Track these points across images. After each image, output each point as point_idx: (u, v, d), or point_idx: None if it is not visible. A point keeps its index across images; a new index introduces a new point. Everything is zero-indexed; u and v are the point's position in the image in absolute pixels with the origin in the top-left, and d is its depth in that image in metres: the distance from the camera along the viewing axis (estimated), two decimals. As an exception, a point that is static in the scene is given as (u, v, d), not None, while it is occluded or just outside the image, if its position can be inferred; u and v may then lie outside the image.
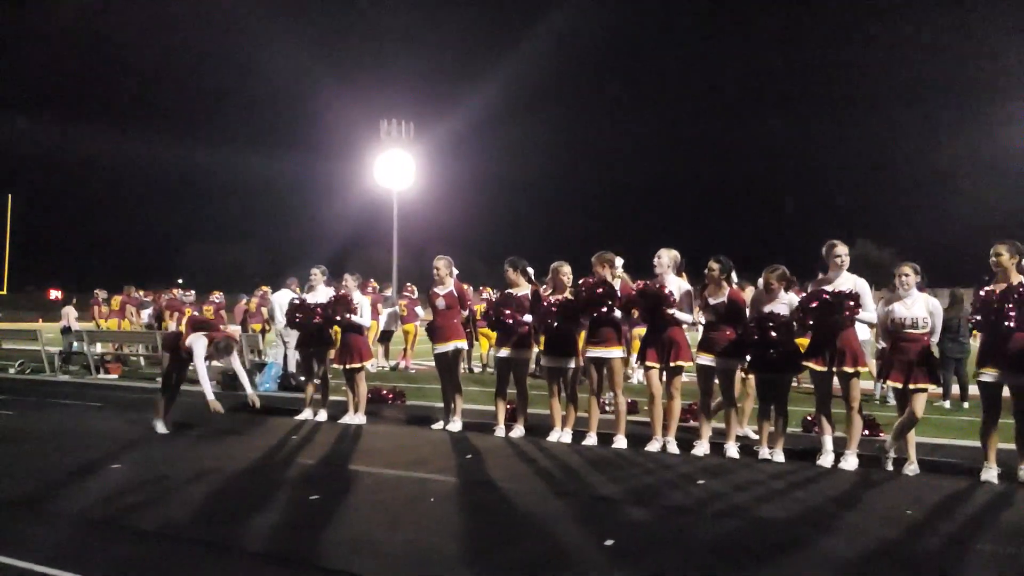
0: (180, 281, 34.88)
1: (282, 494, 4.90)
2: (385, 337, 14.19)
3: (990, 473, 5.29)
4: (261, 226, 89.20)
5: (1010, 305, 5.08)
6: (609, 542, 3.84)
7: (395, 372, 13.54)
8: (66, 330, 14.27)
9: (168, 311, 14.13)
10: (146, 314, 15.56)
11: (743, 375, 6.78)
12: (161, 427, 7.06)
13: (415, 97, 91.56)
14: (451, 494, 4.93)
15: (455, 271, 7.42)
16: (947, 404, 9.31)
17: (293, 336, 11.67)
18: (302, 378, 10.71)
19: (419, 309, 14.45)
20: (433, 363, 7.76)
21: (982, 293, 5.27)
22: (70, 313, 14.61)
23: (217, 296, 16.11)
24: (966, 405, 9.42)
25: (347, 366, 7.71)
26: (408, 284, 14.79)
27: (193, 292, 15.77)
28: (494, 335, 13.07)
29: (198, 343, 6.77)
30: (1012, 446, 5.34)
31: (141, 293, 16.11)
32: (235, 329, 13.75)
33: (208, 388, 6.67)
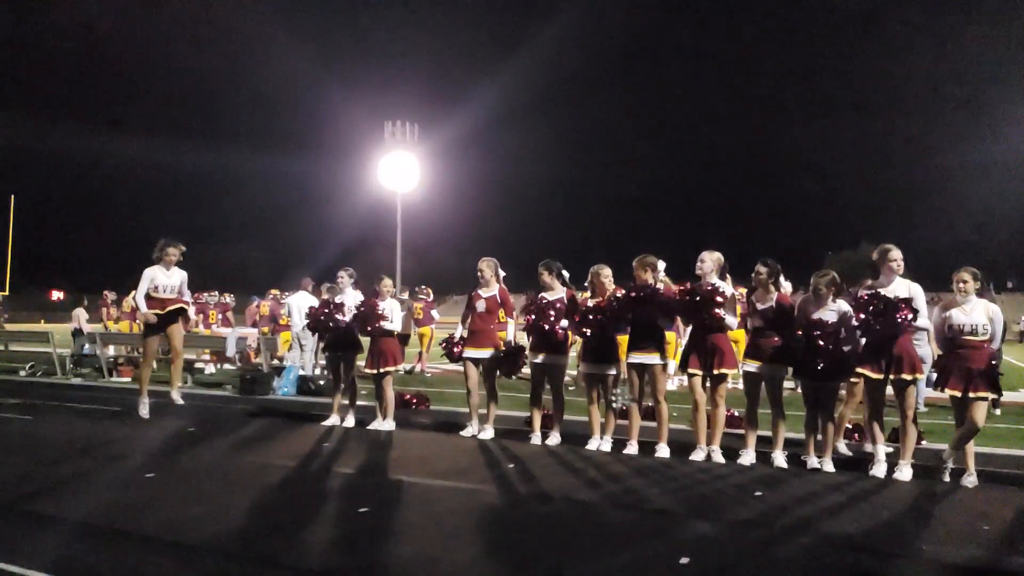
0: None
1: (329, 506, 4.72)
2: (401, 341, 14.00)
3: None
4: (265, 227, 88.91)
5: None
6: (684, 560, 3.66)
7: (411, 376, 13.37)
8: (77, 332, 14.08)
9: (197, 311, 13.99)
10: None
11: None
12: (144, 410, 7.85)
13: (419, 99, 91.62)
14: (507, 506, 4.76)
15: (502, 273, 7.20)
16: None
17: (310, 339, 11.50)
18: (321, 381, 10.56)
19: (435, 312, 14.30)
20: (448, 366, 7.56)
21: None
22: (81, 315, 14.43)
23: (228, 297, 15.95)
24: (998, 412, 9.29)
25: (380, 370, 7.53)
26: (423, 286, 14.61)
27: (217, 293, 15.61)
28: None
29: None
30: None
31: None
32: (251, 332, 13.60)
33: None
